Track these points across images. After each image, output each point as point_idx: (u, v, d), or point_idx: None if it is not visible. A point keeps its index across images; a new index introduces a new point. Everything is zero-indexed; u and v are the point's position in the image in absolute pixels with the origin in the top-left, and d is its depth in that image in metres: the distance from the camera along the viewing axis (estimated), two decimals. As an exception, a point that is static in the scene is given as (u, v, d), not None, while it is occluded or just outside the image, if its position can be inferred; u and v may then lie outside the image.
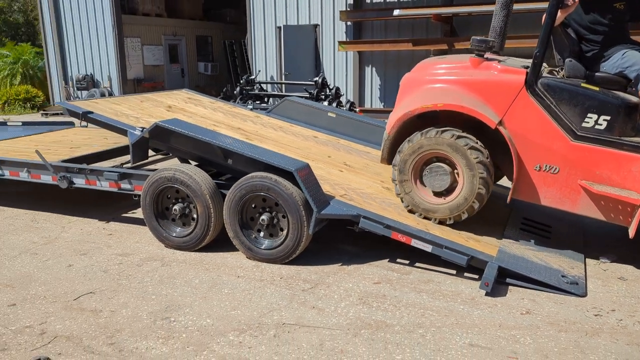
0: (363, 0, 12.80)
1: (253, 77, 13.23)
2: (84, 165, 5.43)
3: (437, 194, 4.45)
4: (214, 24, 20.52)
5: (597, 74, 4.20)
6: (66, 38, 16.86)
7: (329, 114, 6.63)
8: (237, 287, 3.98)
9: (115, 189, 5.24)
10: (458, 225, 4.48)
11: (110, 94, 15.96)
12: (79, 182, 5.42)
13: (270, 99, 13.11)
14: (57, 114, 15.40)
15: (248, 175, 4.38)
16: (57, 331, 3.37)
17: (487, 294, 3.79)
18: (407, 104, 4.50)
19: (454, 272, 4.19)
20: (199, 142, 4.65)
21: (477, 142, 4.22)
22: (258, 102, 12.58)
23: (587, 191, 4.13)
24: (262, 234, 4.47)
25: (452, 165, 4.35)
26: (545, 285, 3.86)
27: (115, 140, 6.78)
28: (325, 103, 11.09)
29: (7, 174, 5.76)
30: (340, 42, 12.67)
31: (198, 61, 20.02)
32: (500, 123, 4.20)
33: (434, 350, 3.11)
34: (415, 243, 4.13)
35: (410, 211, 4.56)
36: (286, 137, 6.16)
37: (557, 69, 4.51)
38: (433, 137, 4.29)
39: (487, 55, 4.51)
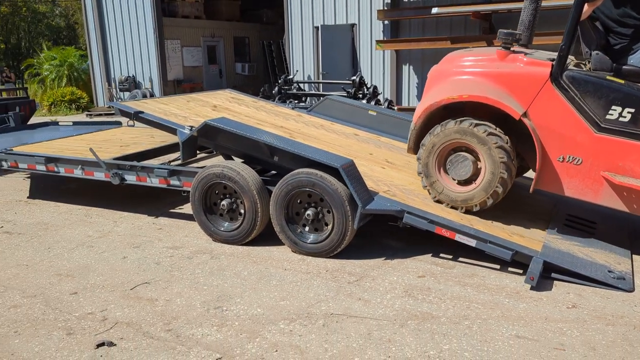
0: (401, -1, 12.83)
1: (291, 76, 13.41)
2: (135, 163, 5.66)
3: (461, 183, 4.55)
4: (251, 25, 20.83)
5: (624, 67, 4.22)
6: (109, 41, 17.41)
7: (370, 112, 6.71)
8: (284, 279, 4.11)
9: (164, 186, 5.45)
10: (502, 220, 4.51)
11: (152, 95, 16.41)
12: (130, 178, 5.65)
13: (308, 98, 13.26)
14: (101, 115, 15.94)
15: (294, 172, 4.50)
16: (117, 318, 3.56)
17: (532, 288, 3.82)
18: (433, 95, 4.60)
19: (497, 266, 4.22)
20: (246, 139, 4.80)
21: (495, 129, 4.31)
22: (296, 101, 12.75)
23: (609, 182, 4.16)
24: (307, 228, 4.59)
25: (474, 154, 4.44)
26: (591, 280, 3.86)
27: (162, 139, 7.01)
28: (364, 102, 11.17)
29: (62, 171, 6.04)
30: (378, 41, 12.73)
31: (235, 62, 20.38)
32: (525, 114, 4.27)
33: (481, 341, 3.17)
34: (459, 238, 4.17)
35: (438, 201, 4.66)
36: (328, 135, 6.27)
37: (584, 62, 4.53)
38: (453, 128, 4.41)
39: (515, 48, 4.55)
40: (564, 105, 4.21)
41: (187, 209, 5.89)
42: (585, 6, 4.16)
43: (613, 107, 4.07)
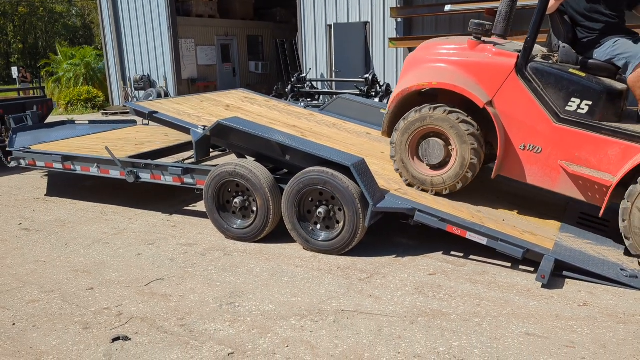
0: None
1: (304, 75, 13.45)
2: (150, 161, 5.75)
3: (433, 167, 4.71)
4: (265, 24, 20.91)
5: (589, 60, 4.35)
6: (125, 41, 17.59)
7: (382, 111, 6.71)
8: (296, 276, 4.15)
9: (178, 184, 5.52)
10: (513, 218, 4.51)
11: (166, 94, 16.56)
12: (145, 176, 5.73)
13: (321, 97, 13.30)
14: (116, 114, 16.11)
15: (305, 170, 4.54)
16: (132, 313, 3.63)
17: (543, 286, 3.82)
18: (406, 81, 4.78)
19: (509, 264, 4.23)
20: (258, 138, 4.84)
21: (467, 116, 4.45)
22: (309, 99, 12.78)
23: (565, 171, 4.33)
24: (319, 226, 4.63)
25: (446, 139, 4.59)
26: (603, 279, 3.85)
27: (176, 138, 7.10)
28: (376, 100, 11.18)
29: (78, 169, 6.16)
30: (391, 39, 12.72)
31: (249, 60, 20.46)
32: (490, 103, 4.44)
33: (491, 338, 3.18)
34: (470, 236, 4.18)
35: (409, 185, 4.81)
36: (340, 133, 6.31)
37: (553, 54, 4.61)
38: (427, 114, 4.56)
39: (492, 38, 4.69)
40: (527, 96, 4.37)
41: (200, 206, 5.96)
42: (551, 0, 4.30)
43: (572, 99, 4.22)
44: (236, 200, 4.91)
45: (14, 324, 3.54)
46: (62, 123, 9.06)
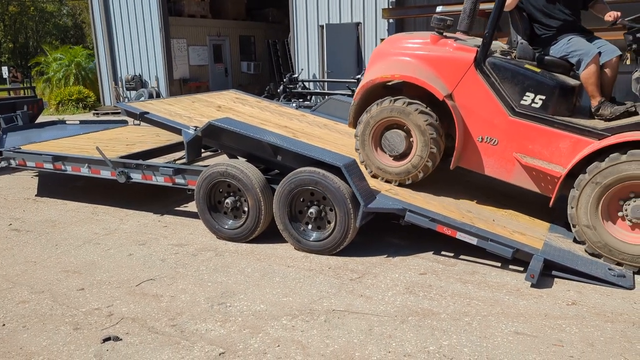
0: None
1: (296, 75, 13.46)
2: (141, 161, 5.74)
3: (396, 158, 4.86)
4: (257, 24, 20.89)
5: (545, 57, 4.51)
6: (116, 40, 17.52)
7: None
8: (287, 276, 4.16)
9: (169, 184, 5.52)
10: (503, 218, 4.55)
11: (158, 94, 16.51)
12: (136, 177, 5.72)
13: (313, 97, 13.31)
14: (108, 114, 16.05)
15: (297, 170, 4.55)
16: (123, 313, 3.63)
17: (532, 286, 3.85)
18: (370, 74, 4.94)
19: (498, 264, 4.26)
20: (250, 139, 4.85)
21: (426, 108, 4.60)
22: (301, 100, 12.80)
23: (519, 163, 4.51)
24: (310, 226, 4.64)
25: (407, 131, 4.74)
26: (592, 278, 3.89)
27: (167, 138, 7.09)
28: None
29: (69, 169, 6.13)
30: (383, 40, 12.74)
31: (241, 60, 20.44)
32: (450, 96, 4.60)
33: (480, 337, 3.21)
34: (460, 236, 4.21)
35: (374, 176, 4.95)
36: (331, 134, 6.32)
37: (512, 50, 4.75)
38: (387, 106, 4.72)
39: (458, 34, 4.86)
40: (485, 89, 4.53)
41: (191, 207, 5.95)
42: None
43: (527, 94, 4.38)
44: (227, 200, 4.91)
45: (3, 325, 3.53)
46: (52, 123, 9.03)
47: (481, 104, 4.56)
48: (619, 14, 4.32)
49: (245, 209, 4.86)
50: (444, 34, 4.76)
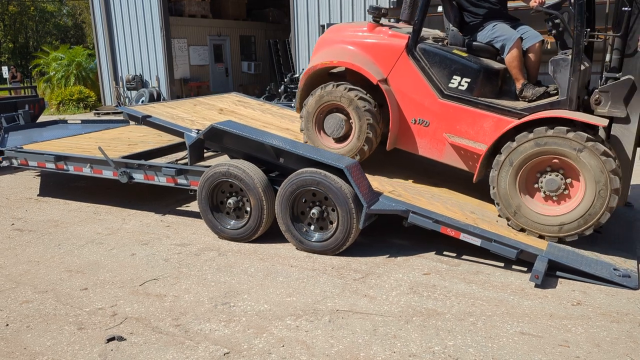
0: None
1: (297, 75, 13.45)
2: (144, 161, 5.72)
3: (337, 140, 5.10)
4: (257, 24, 20.88)
5: (473, 42, 4.76)
6: (117, 40, 17.51)
7: None
8: (291, 275, 4.16)
9: (172, 184, 5.50)
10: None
11: (159, 94, 16.50)
12: (138, 177, 5.71)
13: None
14: (109, 113, 16.04)
15: (298, 171, 4.54)
16: (127, 313, 3.62)
17: (536, 286, 3.85)
18: (313, 61, 5.19)
19: (502, 264, 4.25)
20: (252, 142, 4.84)
21: (366, 94, 4.82)
22: (302, 100, 12.76)
23: (448, 142, 4.73)
24: (312, 227, 4.63)
25: (347, 115, 4.95)
26: (596, 278, 3.88)
27: (169, 138, 7.06)
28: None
29: (71, 169, 6.12)
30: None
31: (242, 60, 20.43)
32: (385, 81, 4.84)
33: (485, 338, 3.20)
34: (464, 237, 4.20)
35: None
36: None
37: (445, 37, 5.01)
38: (329, 90, 4.93)
39: (400, 24, 5.12)
40: (416, 74, 4.76)
41: (194, 206, 5.95)
42: None
43: (454, 77, 4.62)
44: (230, 200, 4.91)
45: (7, 325, 3.52)
46: (54, 122, 9.03)
47: (413, 88, 4.79)
48: (543, 0, 4.42)
49: (248, 209, 4.85)
50: (380, 22, 5.03)
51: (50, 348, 3.22)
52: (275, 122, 6.58)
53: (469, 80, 4.56)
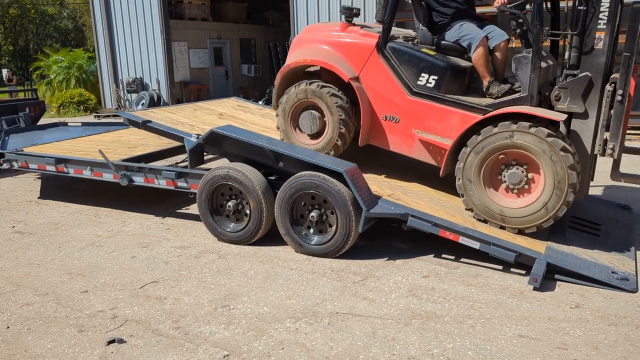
0: (404, 1, 12.86)
1: (297, 78, 13.46)
2: (143, 164, 5.74)
3: (312, 136, 5.24)
4: (257, 27, 20.91)
5: (442, 41, 4.88)
6: (117, 43, 17.52)
7: None
8: (290, 278, 4.17)
9: (172, 187, 5.53)
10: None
11: (159, 97, 16.52)
12: (138, 180, 5.73)
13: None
14: (109, 116, 16.07)
15: (297, 174, 4.56)
16: (127, 316, 3.63)
17: (535, 289, 3.86)
18: (289, 60, 5.34)
19: (500, 267, 4.27)
20: (251, 146, 4.87)
21: (338, 91, 4.97)
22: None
23: (417, 138, 4.87)
24: (312, 230, 4.65)
25: (321, 112, 5.09)
26: (595, 281, 3.89)
27: (169, 141, 7.07)
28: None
29: (71, 171, 6.14)
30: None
31: (242, 63, 20.45)
32: (357, 79, 4.98)
33: (484, 340, 3.21)
34: (463, 240, 4.22)
35: None
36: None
37: (415, 36, 5.14)
38: (303, 88, 5.08)
39: (375, 25, 5.23)
40: (386, 72, 4.89)
41: (193, 209, 5.97)
42: None
43: (422, 75, 4.75)
44: (229, 203, 4.92)
45: (8, 327, 3.53)
46: (54, 125, 9.05)
47: (384, 85, 4.91)
48: (506, 0, 4.49)
49: (247, 211, 4.87)
50: (352, 21, 5.17)
51: (50, 350, 3.23)
52: (274, 126, 6.58)
53: (436, 77, 4.69)
